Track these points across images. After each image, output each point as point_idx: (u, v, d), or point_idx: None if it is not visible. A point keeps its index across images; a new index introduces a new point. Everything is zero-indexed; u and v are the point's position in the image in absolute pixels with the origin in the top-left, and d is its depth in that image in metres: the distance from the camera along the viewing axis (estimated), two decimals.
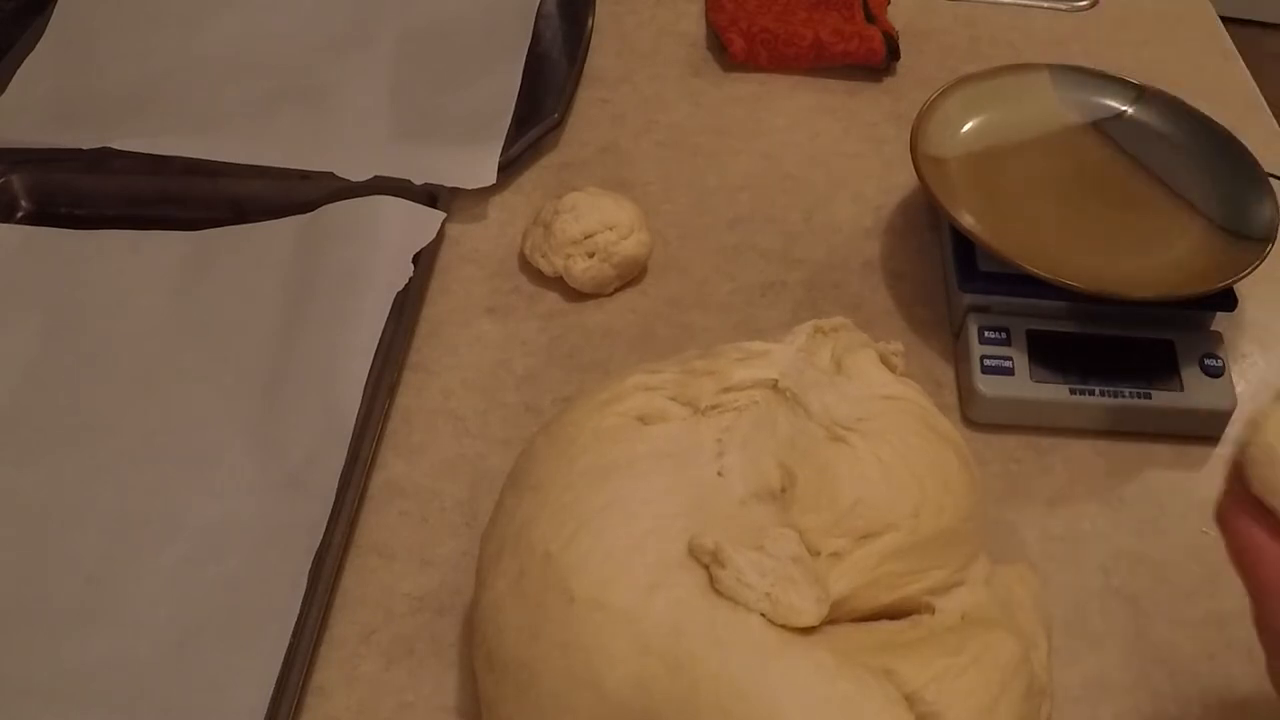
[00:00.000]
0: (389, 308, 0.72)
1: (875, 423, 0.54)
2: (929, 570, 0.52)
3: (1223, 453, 0.69)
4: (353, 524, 0.63)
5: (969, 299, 0.71)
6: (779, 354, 0.56)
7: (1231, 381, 0.69)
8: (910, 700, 0.47)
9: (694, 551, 0.48)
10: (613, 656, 0.47)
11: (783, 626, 0.47)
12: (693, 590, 0.47)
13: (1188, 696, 0.59)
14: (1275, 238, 0.70)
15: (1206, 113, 0.79)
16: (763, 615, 0.47)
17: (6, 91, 0.88)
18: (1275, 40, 2.39)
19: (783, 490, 0.51)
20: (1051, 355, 0.69)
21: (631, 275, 0.77)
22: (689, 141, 0.86)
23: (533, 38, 0.94)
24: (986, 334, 0.70)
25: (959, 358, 0.72)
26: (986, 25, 1.01)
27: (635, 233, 0.75)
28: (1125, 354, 0.70)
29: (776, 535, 0.48)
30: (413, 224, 0.77)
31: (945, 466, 0.54)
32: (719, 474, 0.51)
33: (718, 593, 0.47)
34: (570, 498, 0.51)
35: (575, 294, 0.76)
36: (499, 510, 0.54)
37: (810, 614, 0.47)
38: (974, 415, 0.69)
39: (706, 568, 0.48)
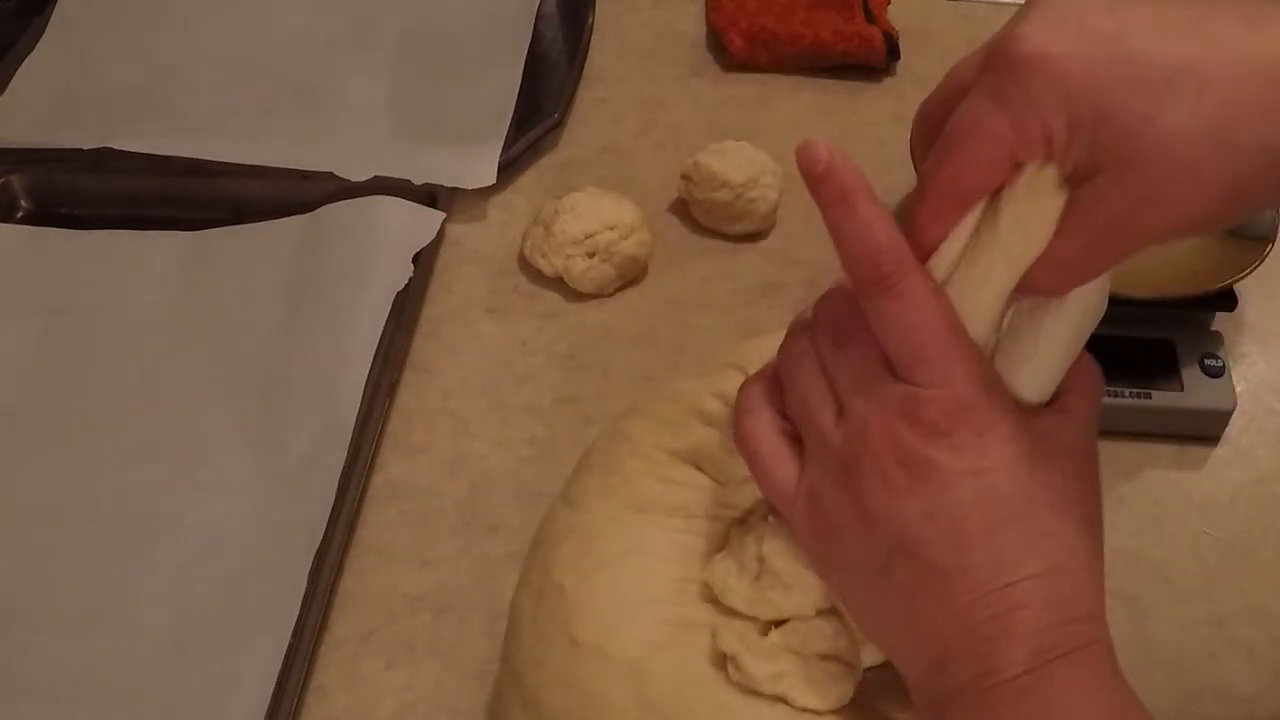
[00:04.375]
0: (389, 308, 0.72)
1: None
2: None
3: (1223, 453, 0.69)
4: (353, 524, 0.63)
5: None
6: None
7: (1231, 381, 0.69)
8: None
9: (716, 642, 0.46)
10: (612, 706, 0.45)
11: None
12: (702, 655, 0.46)
13: (1188, 696, 0.59)
14: (1275, 238, 0.70)
15: None
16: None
17: (6, 91, 0.89)
18: None
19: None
20: None
21: (632, 275, 0.77)
22: (689, 141, 0.86)
23: (533, 38, 0.94)
24: None
25: None
26: (986, 25, 1.00)
27: (635, 233, 0.76)
28: (1125, 354, 0.70)
29: (807, 630, 0.45)
30: (413, 224, 0.77)
31: None
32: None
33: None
34: (597, 532, 0.49)
35: (575, 294, 0.76)
36: (550, 510, 0.52)
37: (826, 709, 0.45)
38: None
39: (722, 658, 0.46)
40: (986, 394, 0.40)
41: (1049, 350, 0.42)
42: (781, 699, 0.45)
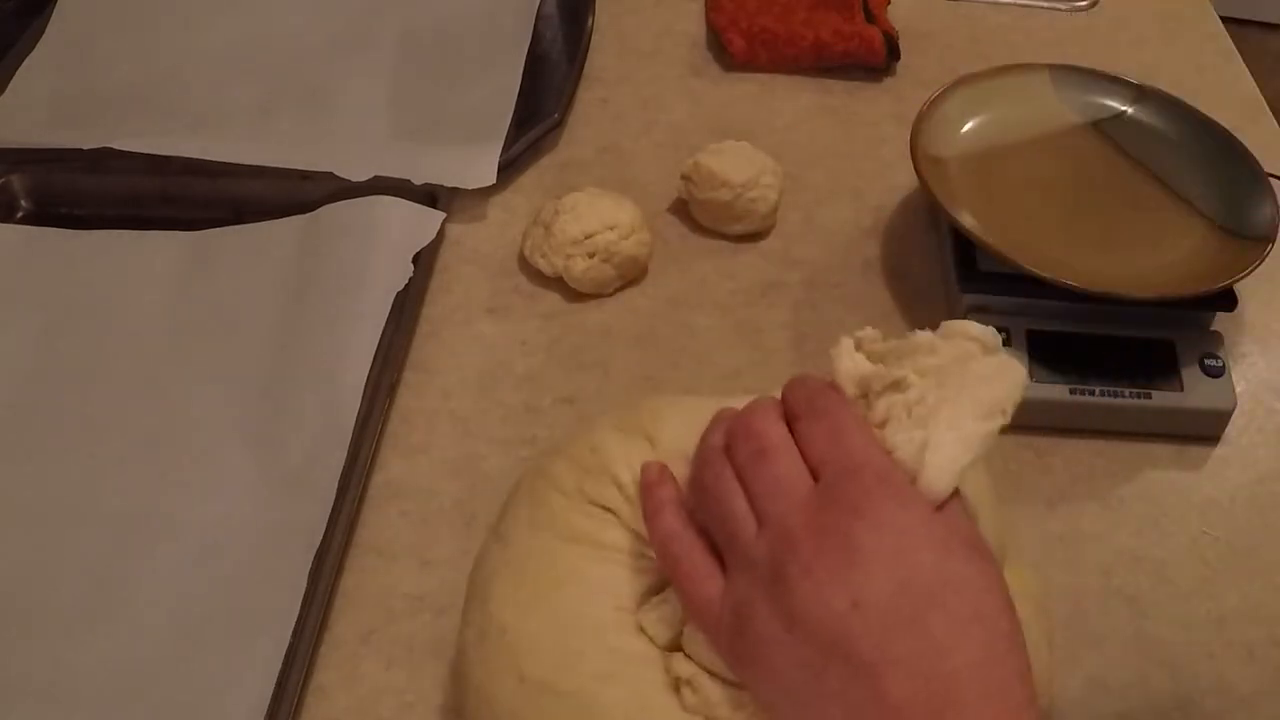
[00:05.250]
0: (389, 308, 0.72)
1: None
2: None
3: (1223, 452, 0.69)
4: (353, 524, 0.63)
5: (969, 299, 0.71)
6: None
7: (1231, 381, 0.69)
8: None
9: (668, 671, 0.46)
10: None
11: None
12: (652, 686, 0.46)
13: (1188, 696, 0.59)
14: (1275, 238, 0.70)
15: (1206, 113, 0.79)
16: None
17: (6, 91, 0.89)
18: (1275, 40, 2.39)
19: None
20: (1051, 355, 0.69)
21: (632, 275, 0.77)
22: (689, 141, 0.86)
23: (533, 38, 0.94)
24: None
25: None
26: (986, 25, 1.01)
27: (635, 233, 0.75)
28: (1125, 354, 0.70)
29: None
30: (413, 224, 0.77)
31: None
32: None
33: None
34: (529, 565, 0.49)
35: (575, 294, 0.76)
36: (483, 548, 0.53)
37: None
38: None
39: (676, 683, 0.46)
40: (900, 475, 0.42)
41: (951, 447, 0.43)
42: None
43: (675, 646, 0.47)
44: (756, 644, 0.42)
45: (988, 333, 0.47)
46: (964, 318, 0.71)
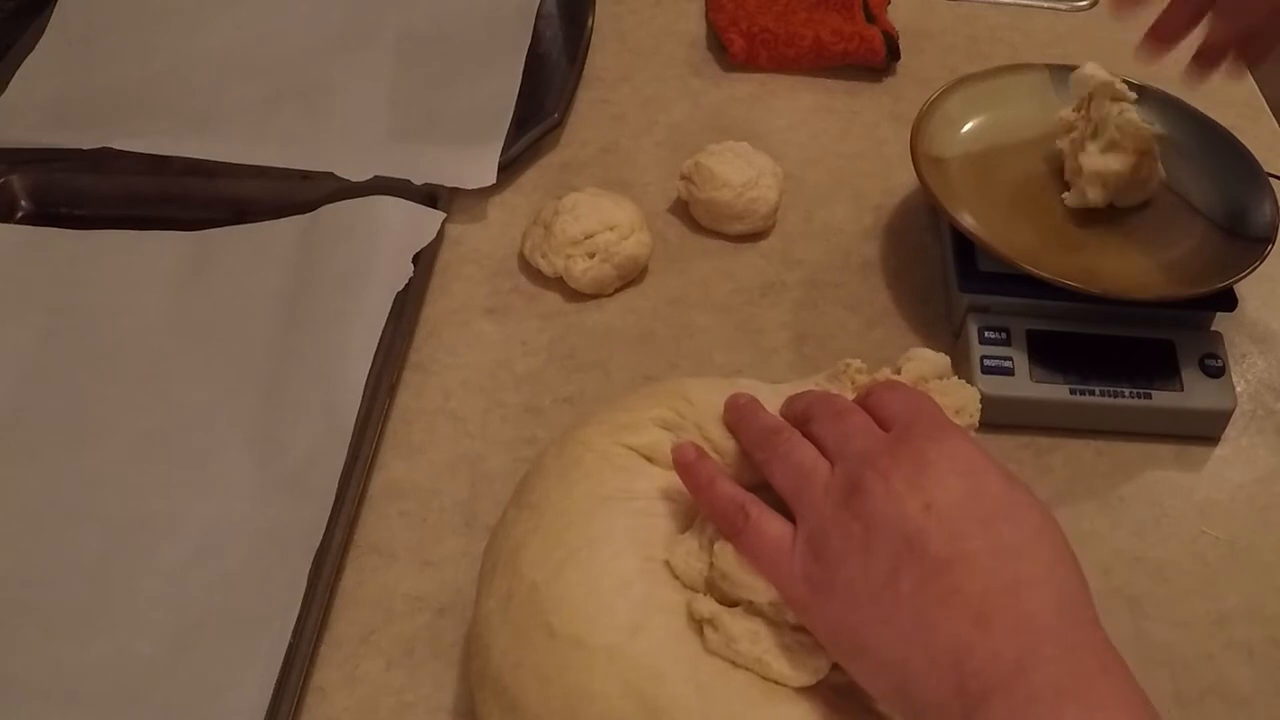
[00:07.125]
0: (389, 308, 0.72)
1: None
2: None
3: (1223, 453, 0.69)
4: (353, 524, 0.63)
5: (969, 299, 0.71)
6: None
7: (1231, 381, 0.69)
8: None
9: (691, 613, 0.47)
10: (590, 696, 0.46)
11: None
12: (677, 635, 0.47)
13: (1188, 696, 0.59)
14: (1275, 238, 0.70)
15: (1206, 113, 0.79)
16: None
17: (6, 91, 0.88)
18: None
19: None
20: (1051, 355, 0.69)
21: (632, 275, 0.77)
22: (689, 141, 0.86)
23: (533, 38, 0.94)
24: (986, 334, 0.70)
25: (959, 358, 0.72)
26: (986, 25, 1.01)
27: (635, 233, 0.76)
28: (1125, 354, 0.70)
29: (783, 602, 0.46)
30: (413, 224, 0.77)
31: None
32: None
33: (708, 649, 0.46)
34: (563, 525, 0.50)
35: (575, 294, 0.76)
36: (501, 522, 0.54)
37: (800, 683, 0.45)
38: None
39: (700, 624, 0.47)
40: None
41: None
42: (758, 670, 0.45)
43: (703, 584, 0.48)
44: (831, 562, 0.44)
45: (940, 358, 0.54)
46: (964, 318, 0.72)
